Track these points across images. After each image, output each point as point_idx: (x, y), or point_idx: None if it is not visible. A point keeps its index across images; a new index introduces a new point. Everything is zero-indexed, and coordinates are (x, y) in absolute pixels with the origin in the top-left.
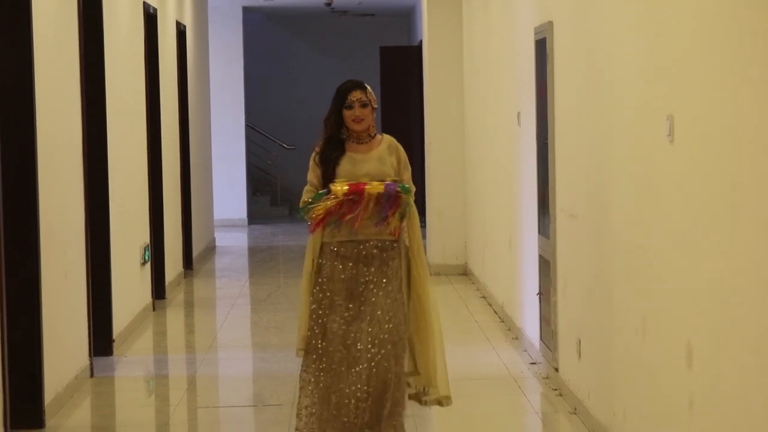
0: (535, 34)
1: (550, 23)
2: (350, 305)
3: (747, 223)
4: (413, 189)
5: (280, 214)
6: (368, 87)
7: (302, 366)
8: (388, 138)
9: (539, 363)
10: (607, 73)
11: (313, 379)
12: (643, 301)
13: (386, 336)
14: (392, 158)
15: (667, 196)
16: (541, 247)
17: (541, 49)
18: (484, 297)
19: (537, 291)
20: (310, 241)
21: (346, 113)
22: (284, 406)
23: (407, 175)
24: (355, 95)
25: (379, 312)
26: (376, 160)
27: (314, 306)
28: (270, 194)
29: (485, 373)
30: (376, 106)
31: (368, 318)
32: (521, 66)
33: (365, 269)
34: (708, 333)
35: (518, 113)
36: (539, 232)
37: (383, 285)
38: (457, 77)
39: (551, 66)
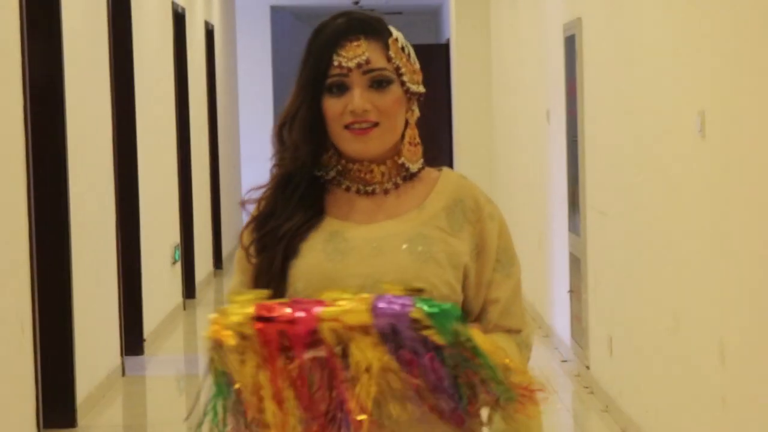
0: (564, 30)
1: (579, 20)
2: None
3: None
4: (526, 330)
5: None
6: (393, 32)
7: None
8: (455, 178)
9: (570, 361)
10: (637, 69)
11: None
12: (675, 298)
13: None
14: (460, 237)
15: (698, 192)
16: (571, 244)
17: (571, 45)
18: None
19: (568, 288)
20: None
21: (329, 104)
22: None
23: (503, 289)
24: (351, 50)
25: None
26: (407, 242)
27: None
28: None
29: None
30: (416, 88)
31: None
32: (550, 63)
33: None
34: (740, 330)
35: (547, 111)
36: (569, 230)
37: None
38: (485, 75)
39: (581, 63)
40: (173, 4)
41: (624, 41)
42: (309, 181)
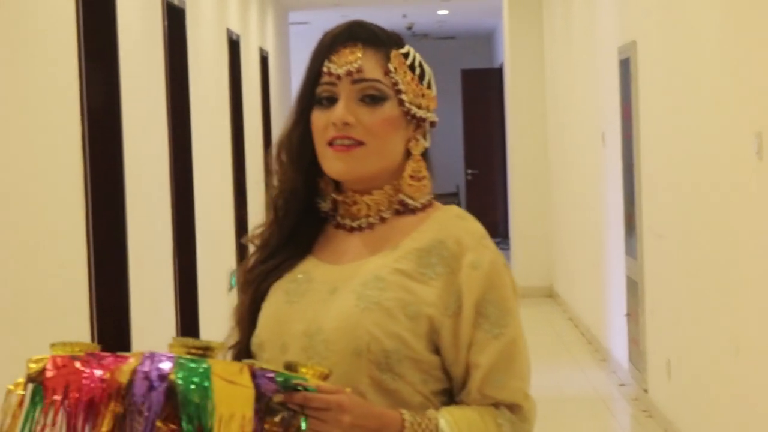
0: (619, 53)
1: (634, 43)
2: None
3: None
4: (525, 406)
5: None
6: (406, 48)
7: None
8: (450, 217)
9: (628, 384)
10: (693, 92)
11: None
12: (734, 321)
13: None
14: (430, 284)
15: (756, 214)
16: (628, 267)
17: (625, 68)
18: (570, 319)
19: (625, 312)
20: None
21: (315, 117)
22: None
23: (487, 352)
24: (344, 56)
25: None
26: (360, 285)
27: None
28: None
29: (574, 395)
30: (421, 113)
31: None
32: (605, 86)
33: None
34: None
35: (603, 133)
36: (626, 253)
37: None
38: (540, 98)
39: (636, 86)
40: (228, 31)
41: (679, 63)
42: (302, 212)
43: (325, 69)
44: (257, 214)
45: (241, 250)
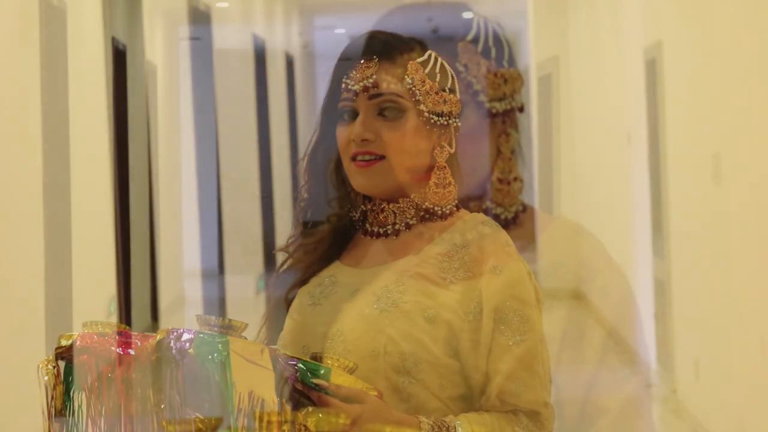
0: (645, 54)
1: (660, 43)
2: None
3: None
4: (544, 413)
5: None
6: (426, 55)
7: None
8: (475, 223)
9: (656, 385)
10: (719, 92)
11: None
12: (762, 320)
13: None
14: (451, 289)
15: None
16: (655, 268)
17: (651, 69)
18: (596, 319)
19: (652, 312)
20: None
21: (338, 132)
22: None
23: (506, 359)
24: (360, 72)
25: None
26: (381, 289)
27: None
28: None
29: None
30: (441, 120)
31: None
32: (631, 87)
33: None
34: None
35: (629, 135)
36: (653, 254)
37: None
38: (565, 99)
39: (662, 86)
40: (254, 36)
41: (706, 63)
42: (331, 222)
43: (343, 85)
44: (284, 219)
45: (269, 254)
